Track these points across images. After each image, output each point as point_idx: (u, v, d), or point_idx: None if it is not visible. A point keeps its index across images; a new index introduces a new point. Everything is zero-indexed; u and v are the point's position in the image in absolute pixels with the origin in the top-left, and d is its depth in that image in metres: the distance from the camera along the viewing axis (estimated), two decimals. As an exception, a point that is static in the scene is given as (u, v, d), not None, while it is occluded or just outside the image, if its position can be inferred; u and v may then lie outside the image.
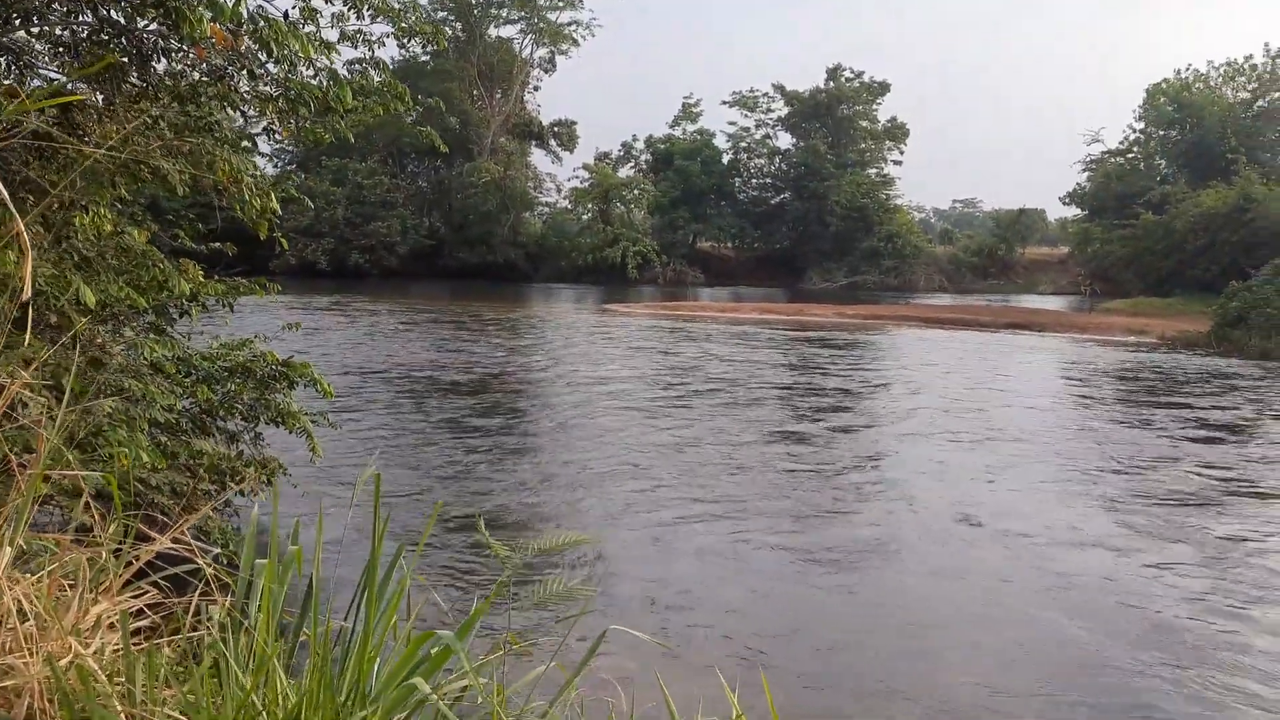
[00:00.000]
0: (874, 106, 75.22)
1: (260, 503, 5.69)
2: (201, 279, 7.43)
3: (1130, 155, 68.03)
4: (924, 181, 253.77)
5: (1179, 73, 66.01)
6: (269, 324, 10.40)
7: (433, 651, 2.61)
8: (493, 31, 68.32)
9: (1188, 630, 7.00)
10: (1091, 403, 18.22)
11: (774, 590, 7.79)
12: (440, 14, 63.44)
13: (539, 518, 9.65)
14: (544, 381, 19.36)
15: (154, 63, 6.08)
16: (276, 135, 7.15)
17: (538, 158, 74.12)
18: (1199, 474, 12.08)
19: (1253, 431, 15.23)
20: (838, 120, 73.88)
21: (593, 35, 69.20)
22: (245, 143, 7.29)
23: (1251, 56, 63.55)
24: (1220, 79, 64.77)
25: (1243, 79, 63.76)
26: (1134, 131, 68.11)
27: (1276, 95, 62.22)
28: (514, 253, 64.73)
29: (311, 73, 6.79)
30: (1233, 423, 15.80)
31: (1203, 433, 14.87)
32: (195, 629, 2.62)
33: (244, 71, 6.60)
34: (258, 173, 7.28)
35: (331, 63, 6.77)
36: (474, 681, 2.60)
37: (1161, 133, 66.58)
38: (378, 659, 2.62)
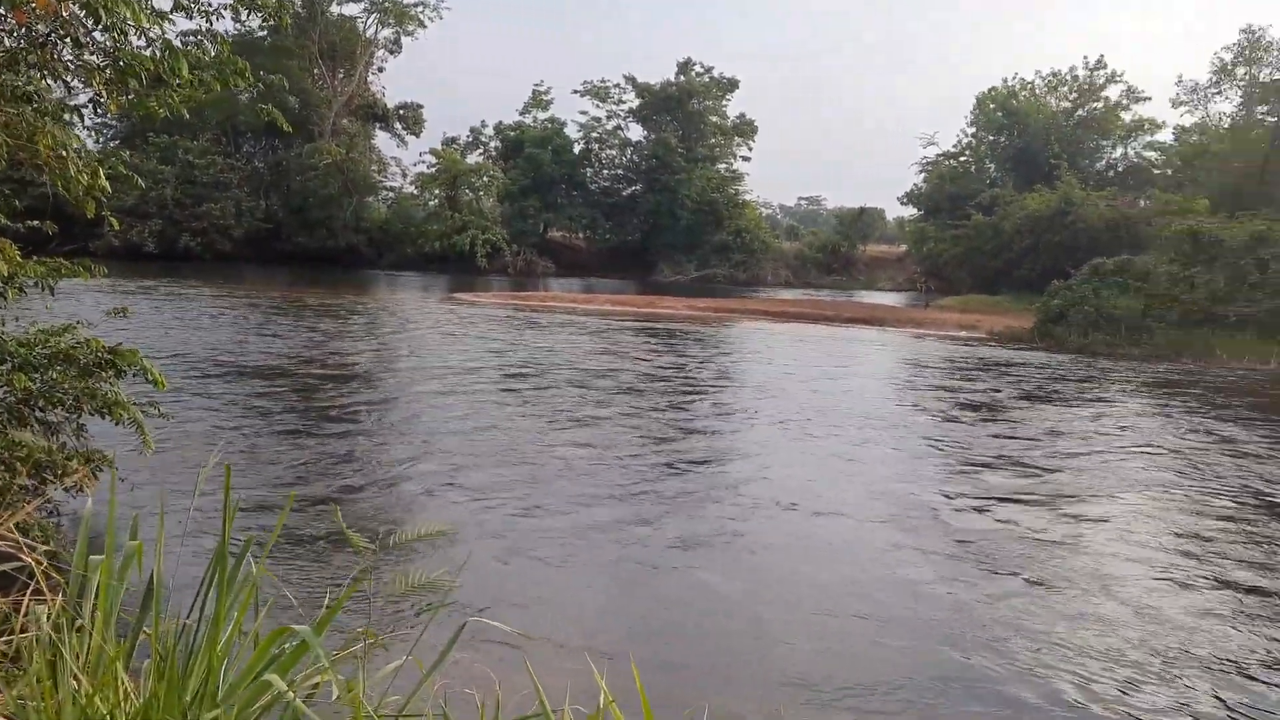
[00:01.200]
0: (723, 102, 76.43)
1: (93, 497, 5.35)
2: (19, 259, 6.94)
3: (963, 158, 71.34)
4: (771, 178, 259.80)
5: (1006, 81, 69.72)
6: (91, 309, 9.83)
7: (287, 647, 2.50)
8: (335, 9, 66.21)
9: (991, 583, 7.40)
10: (927, 393, 19.02)
11: (629, 577, 7.83)
12: (281, -13, 60.95)
13: (395, 509, 9.43)
14: (391, 372, 18.94)
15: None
16: (102, 108, 6.73)
17: (382, 141, 72.48)
18: (1015, 454, 12.80)
19: (1064, 415, 16.21)
20: (688, 114, 74.73)
21: (440, 17, 67.89)
22: (68, 115, 6.84)
23: (1074, 68, 67.79)
24: (1045, 88, 68.69)
25: (1065, 89, 67.80)
26: (966, 136, 71.56)
27: (1096, 105, 66.38)
28: (356, 238, 62.95)
29: (143, 43, 6.43)
30: (1048, 407, 16.79)
31: (1019, 416, 15.75)
32: (23, 630, 2.44)
33: (68, 39, 6.19)
34: (82, 147, 6.84)
35: (164, 33, 6.42)
36: (332, 676, 2.50)
37: (991, 138, 70.10)
38: (227, 656, 2.49)
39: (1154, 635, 6.96)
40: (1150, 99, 69.33)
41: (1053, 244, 47.27)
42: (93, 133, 54.43)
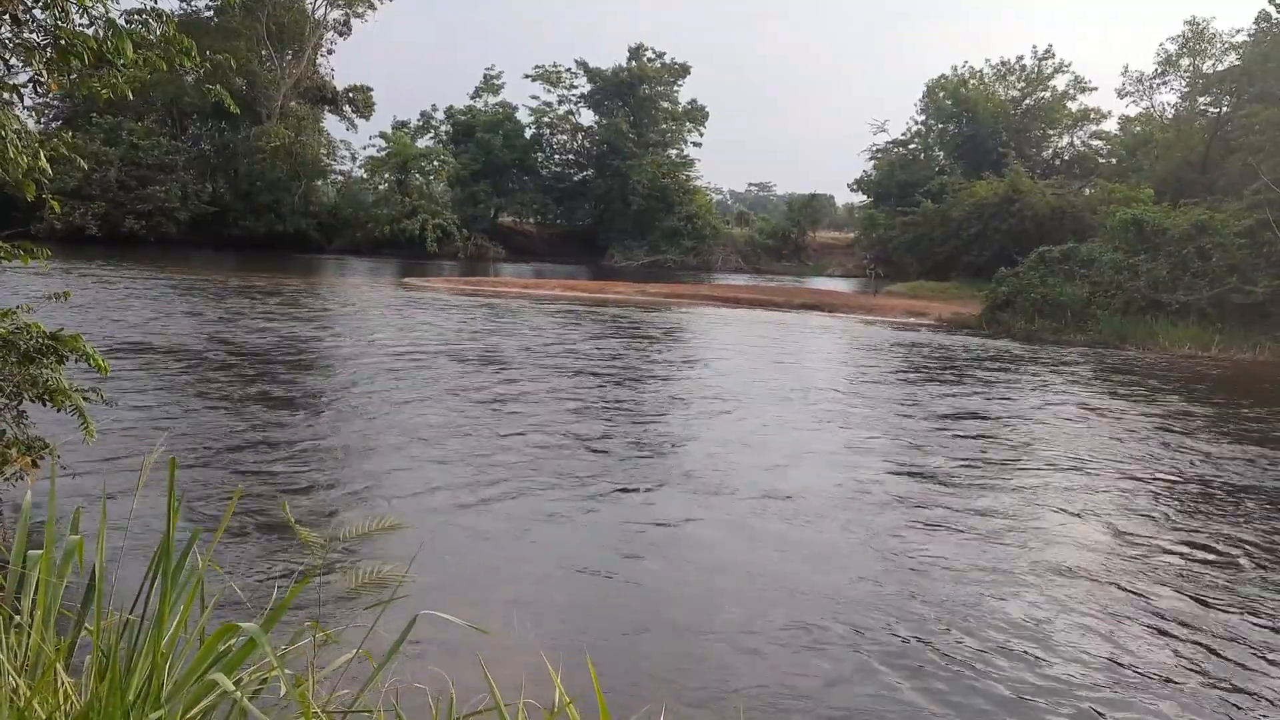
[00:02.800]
0: (675, 88, 76.40)
1: (34, 487, 5.21)
2: (-45, 243, 6.75)
3: (912, 146, 71.89)
4: (721, 164, 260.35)
5: (956, 69, 70.32)
6: (32, 294, 9.60)
7: (234, 644, 2.45)
8: (284, -11, 65.02)
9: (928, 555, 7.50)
10: (878, 377, 19.20)
11: (581, 567, 7.82)
12: (227, -33, 59.76)
13: (345, 500, 9.30)
14: (340, 359, 18.71)
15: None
16: (43, 88, 6.55)
17: (331, 124, 71.37)
18: (963, 434, 12.98)
19: (1008, 396, 16.46)
20: (639, 100, 74.58)
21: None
22: (6, 95, 6.65)
23: (1022, 57, 68.52)
24: (994, 77, 69.38)
25: (1013, 78, 68.52)
26: (916, 123, 72.08)
27: (1043, 94, 67.20)
28: (305, 222, 61.99)
29: (86, 21, 6.26)
30: (995, 390, 17.03)
31: (966, 401, 15.96)
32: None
33: (6, 16, 6.01)
34: (23, 128, 6.66)
35: (108, 11, 6.25)
36: (280, 673, 2.46)
37: (940, 126, 70.67)
38: (171, 654, 2.44)
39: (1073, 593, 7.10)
40: (1096, 89, 70.45)
41: (1000, 231, 47.76)
42: (33, 113, 53.03)
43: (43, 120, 58.43)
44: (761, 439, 13.04)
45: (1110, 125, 65.05)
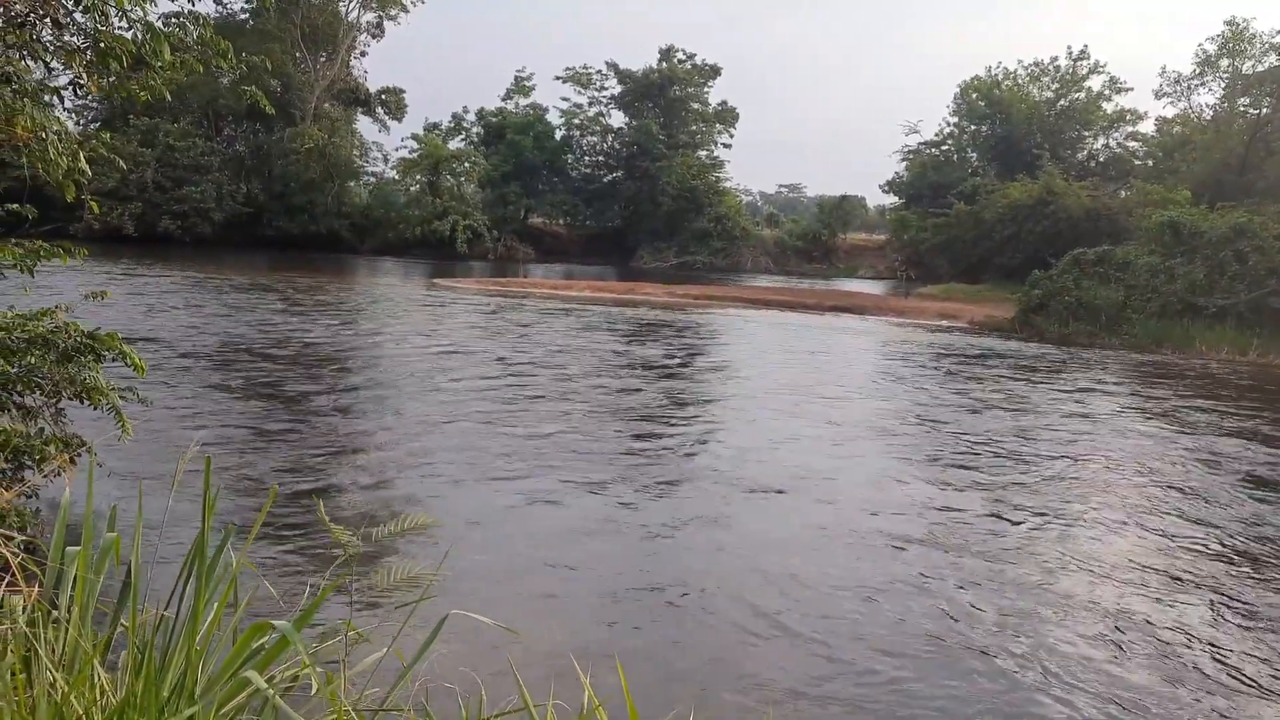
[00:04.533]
0: (705, 89, 76.38)
1: (71, 484, 5.29)
2: (-3, 242, 6.85)
3: (945, 147, 71.49)
4: (751, 166, 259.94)
5: (990, 70, 69.83)
6: (70, 292, 9.73)
7: (267, 642, 2.47)
8: (317, -9, 65.58)
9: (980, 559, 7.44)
10: (911, 382, 19.08)
11: (615, 569, 7.82)
12: (262, -29, 60.30)
13: (378, 499, 9.37)
14: (373, 358, 18.84)
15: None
16: (83, 90, 6.63)
17: (364, 126, 71.95)
18: (1001, 440, 12.87)
19: (1050, 406, 16.31)
20: (670, 101, 74.61)
21: (423, 2, 67.49)
22: (46, 97, 6.73)
23: (1056, 58, 67.91)
24: (1027, 78, 68.83)
25: (1047, 79, 67.95)
26: (949, 125, 71.67)
27: (1078, 95, 66.57)
28: (338, 223, 62.48)
29: (125, 24, 6.33)
30: (1031, 396, 16.88)
31: (1002, 406, 15.83)
32: (-2, 624, 2.40)
33: (48, 19, 6.09)
34: (63, 129, 6.74)
35: (146, 14, 6.32)
36: (311, 671, 2.48)
37: (973, 127, 70.23)
38: (205, 651, 2.46)
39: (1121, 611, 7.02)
40: (1133, 90, 69.51)
41: (1034, 233, 47.35)
42: (73, 114, 53.86)
43: (81, 121, 59.28)
44: (794, 441, 12.99)
45: (1147, 126, 64.41)
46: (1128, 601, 7.51)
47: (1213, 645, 6.77)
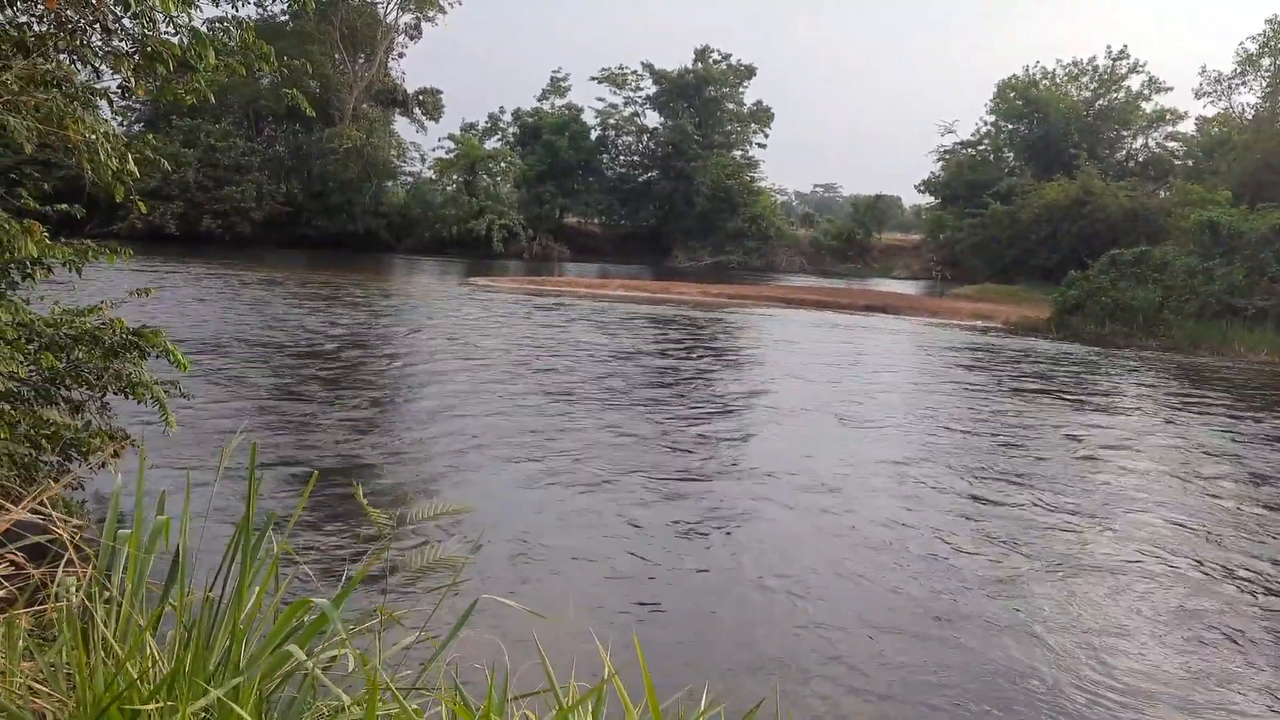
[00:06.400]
0: (740, 89, 76.35)
1: (121, 474, 5.49)
2: (47, 241, 7.06)
3: (981, 147, 70.88)
4: (786, 165, 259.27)
5: (1028, 69, 69.20)
6: (115, 288, 9.99)
7: (306, 620, 2.61)
8: (356, -7, 66.28)
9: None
10: (946, 381, 19.05)
11: (644, 559, 7.94)
12: (302, -26, 60.92)
13: (415, 486, 9.62)
14: (410, 352, 19.08)
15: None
16: (130, 93, 6.84)
17: (401, 126, 72.60)
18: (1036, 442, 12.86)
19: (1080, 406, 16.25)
20: (705, 101, 74.67)
21: (460, 3, 68.07)
22: (97, 99, 6.95)
23: (1095, 57, 67.16)
24: (1065, 77, 68.13)
25: (1085, 78, 67.23)
26: (985, 124, 71.06)
27: (1116, 95, 65.81)
28: (375, 222, 63.15)
29: (171, 29, 6.52)
30: (1069, 398, 16.81)
31: (1039, 407, 15.78)
32: (55, 600, 2.56)
33: (97, 25, 6.29)
34: (111, 131, 6.95)
35: (191, 20, 6.52)
36: (349, 649, 2.61)
37: (1010, 126, 69.61)
38: (249, 627, 2.60)
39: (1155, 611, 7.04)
40: (1172, 89, 68.62)
41: (1070, 234, 46.93)
42: (118, 116, 54.72)
43: (125, 122, 60.31)
44: (826, 439, 13.05)
45: (1187, 126, 63.52)
46: (1201, 608, 7.53)
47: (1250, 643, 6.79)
